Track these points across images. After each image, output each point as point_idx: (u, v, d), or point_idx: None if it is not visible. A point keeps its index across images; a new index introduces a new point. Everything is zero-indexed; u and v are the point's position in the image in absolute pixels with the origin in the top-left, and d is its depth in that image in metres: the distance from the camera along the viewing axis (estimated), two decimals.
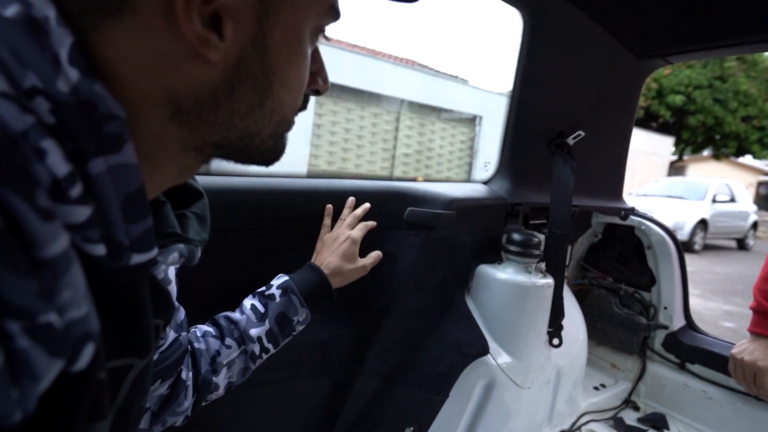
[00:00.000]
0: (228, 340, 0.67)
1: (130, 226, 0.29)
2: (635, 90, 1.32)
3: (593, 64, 1.16)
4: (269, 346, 0.71)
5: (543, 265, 1.08)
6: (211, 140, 0.34)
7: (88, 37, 0.28)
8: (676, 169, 18.20)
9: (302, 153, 8.03)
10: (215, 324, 0.69)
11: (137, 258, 0.30)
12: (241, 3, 0.31)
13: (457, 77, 10.69)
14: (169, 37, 0.29)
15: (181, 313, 0.60)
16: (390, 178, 4.35)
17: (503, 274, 1.02)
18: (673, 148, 16.50)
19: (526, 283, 1.01)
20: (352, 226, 0.84)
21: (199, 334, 0.66)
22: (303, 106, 0.40)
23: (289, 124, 0.38)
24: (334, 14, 0.37)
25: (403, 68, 9.50)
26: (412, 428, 0.99)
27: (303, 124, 7.98)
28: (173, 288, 0.47)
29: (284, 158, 0.41)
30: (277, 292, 0.73)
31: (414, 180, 1.10)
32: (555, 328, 1.08)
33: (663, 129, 16.72)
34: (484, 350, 0.99)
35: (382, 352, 0.98)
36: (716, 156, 18.02)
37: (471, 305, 1.05)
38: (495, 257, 1.09)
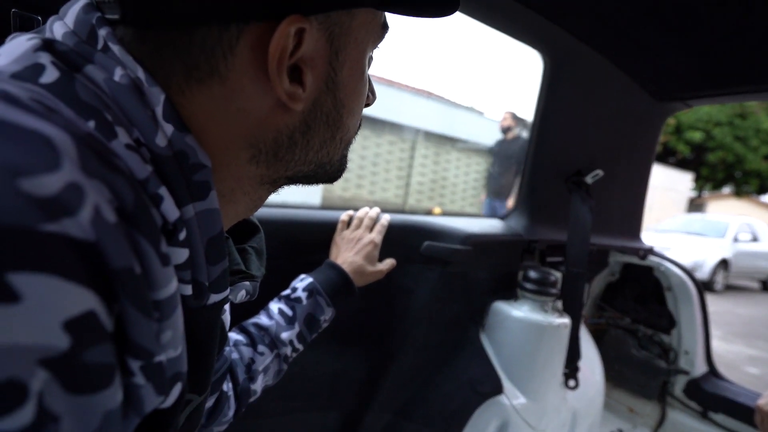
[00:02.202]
0: (260, 347, 0.68)
1: (211, 268, 0.31)
2: (654, 131, 1.32)
3: (612, 105, 1.17)
4: (300, 346, 0.72)
5: (560, 304, 1.06)
6: (285, 174, 0.36)
7: (174, 97, 0.30)
8: (695, 205, 17.92)
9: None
10: (245, 332, 0.69)
11: (214, 298, 0.32)
12: (316, 51, 0.32)
13: (473, 108, 10.81)
14: (257, 96, 0.31)
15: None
16: (403, 209, 4.41)
17: (519, 311, 1.01)
18: (691, 184, 16.29)
19: (542, 322, 0.99)
20: (371, 229, 0.84)
21: (231, 342, 0.67)
22: (359, 126, 0.42)
23: (351, 144, 0.40)
24: (385, 31, 0.38)
25: (420, 98, 9.65)
26: None
27: None
28: (227, 317, 0.48)
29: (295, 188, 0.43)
30: (303, 295, 0.73)
31: (430, 212, 1.10)
32: (571, 369, 1.06)
33: (681, 165, 16.58)
34: (498, 389, 0.97)
35: (393, 387, 0.96)
36: (737, 193, 17.74)
37: (485, 342, 1.04)
38: (511, 294, 1.08)
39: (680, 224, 9.01)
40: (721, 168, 16.53)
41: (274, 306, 0.72)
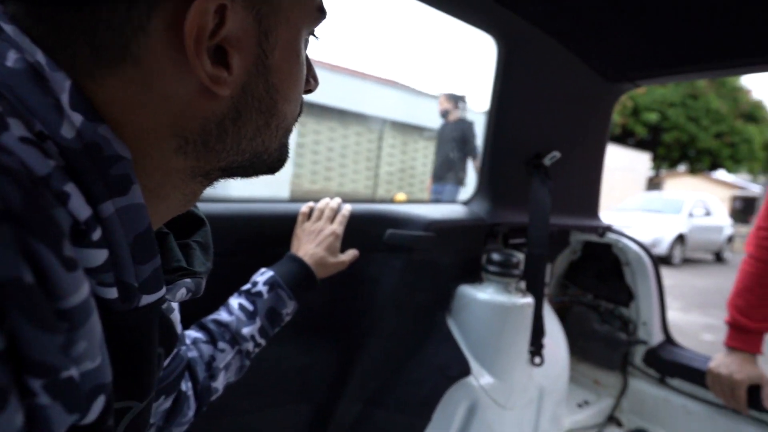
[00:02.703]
0: (221, 344, 0.66)
1: (140, 267, 0.29)
2: (607, 111, 1.36)
3: (565, 87, 1.19)
4: (262, 341, 0.70)
5: (523, 285, 1.09)
6: (218, 166, 0.34)
7: (83, 83, 0.27)
8: (653, 184, 18.66)
9: (285, 172, 8.02)
10: (204, 329, 0.67)
11: (146, 299, 0.30)
12: (242, 30, 0.29)
13: (433, 96, 10.89)
14: (177, 79, 0.28)
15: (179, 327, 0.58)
16: (373, 199, 4.38)
17: (483, 294, 1.03)
18: (650, 164, 16.93)
19: (506, 303, 1.02)
20: (332, 219, 0.83)
21: (188, 342, 0.64)
22: (300, 112, 0.40)
23: (291, 132, 0.38)
24: (322, 15, 0.36)
25: (385, 88, 9.63)
26: None
27: None
28: (176, 315, 0.45)
29: (267, 178, 0.41)
30: (264, 289, 0.71)
31: (393, 200, 1.11)
32: (536, 347, 1.09)
33: (639, 146, 17.21)
34: (466, 372, 0.98)
35: (363, 377, 0.97)
36: (692, 171, 18.56)
37: (452, 326, 1.05)
38: (475, 278, 1.10)
39: (639, 203, 9.39)
40: (676, 147, 17.25)
41: (234, 301, 0.70)
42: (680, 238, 8.25)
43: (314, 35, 0.38)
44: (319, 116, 8.69)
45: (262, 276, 0.73)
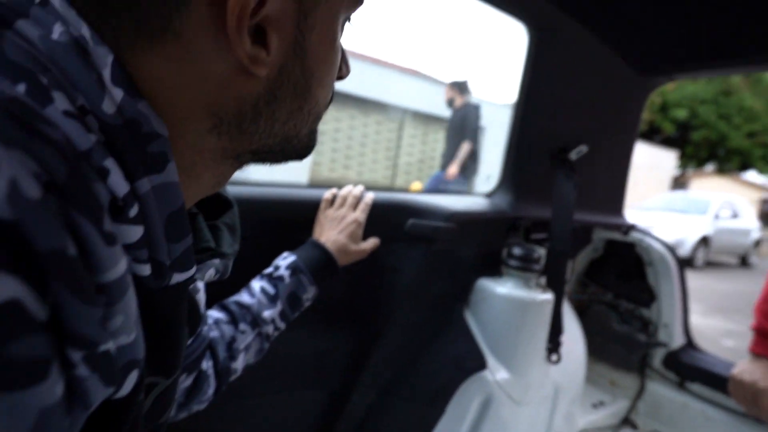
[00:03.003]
0: (242, 325, 0.67)
1: (172, 246, 0.29)
2: (638, 106, 1.32)
3: (597, 79, 1.16)
4: (282, 325, 0.71)
5: (543, 280, 1.07)
6: (250, 148, 0.33)
7: (124, 58, 0.27)
8: (679, 184, 18.20)
9: (305, 160, 8.06)
10: (226, 310, 0.68)
11: (177, 277, 0.30)
12: (282, 11, 0.29)
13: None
14: (216, 57, 0.28)
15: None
16: (392, 188, 4.36)
17: (503, 288, 1.02)
18: (675, 163, 16.50)
19: (526, 298, 1.00)
20: (354, 207, 0.83)
21: (210, 322, 0.66)
22: (331, 99, 0.39)
23: (321, 118, 0.38)
24: (359, 1, 0.36)
25: (408, 77, 9.55)
26: None
27: None
28: (201, 296, 0.45)
29: (288, 165, 0.41)
30: (286, 273, 0.72)
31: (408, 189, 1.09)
32: (554, 344, 1.07)
33: (666, 143, 16.77)
34: (482, 365, 0.98)
35: (379, 366, 0.97)
36: (720, 171, 18.03)
37: (470, 319, 1.04)
38: (495, 271, 1.08)
39: (663, 202, 9.16)
40: (704, 146, 16.76)
41: (256, 284, 0.71)
42: (704, 240, 8.04)
43: (350, 21, 0.37)
44: (340, 104, 8.68)
45: (285, 260, 0.73)
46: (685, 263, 7.46)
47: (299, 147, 0.37)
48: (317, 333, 0.89)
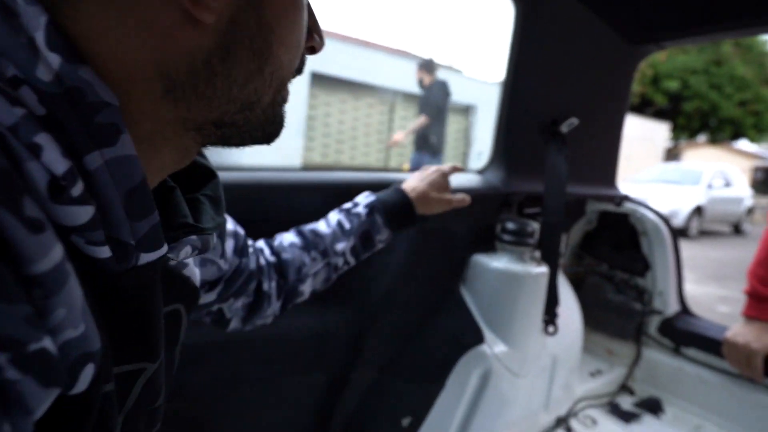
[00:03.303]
0: (313, 253, 0.69)
1: (135, 224, 0.27)
2: (628, 76, 1.31)
3: (586, 50, 1.15)
4: (352, 260, 0.73)
5: (538, 254, 1.08)
6: (210, 117, 0.31)
7: (61, 14, 0.24)
8: (672, 155, 18.23)
9: (297, 146, 8.00)
10: (301, 235, 0.70)
11: (145, 257, 0.28)
12: None
13: (451, 67, 10.64)
14: (156, 3, 0.26)
15: (239, 239, 0.59)
16: (386, 169, 4.34)
17: (497, 263, 1.02)
18: (668, 134, 16.51)
19: (521, 272, 1.01)
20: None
21: (285, 244, 0.68)
22: (300, 69, 0.37)
23: (287, 90, 0.36)
24: None
25: (397, 58, 9.44)
26: (408, 419, 1.00)
27: (296, 116, 7.93)
28: (192, 269, 0.43)
29: (280, 152, 0.39)
30: (363, 211, 0.74)
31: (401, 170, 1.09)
32: (550, 316, 1.09)
33: (659, 115, 16.75)
34: (479, 340, 0.99)
35: (377, 344, 0.98)
36: (712, 141, 18.06)
37: (466, 295, 1.05)
38: (489, 246, 1.09)
39: (657, 174, 9.20)
40: (696, 117, 16.75)
41: (334, 216, 0.73)
42: (698, 210, 8.10)
43: None
44: (329, 88, 8.58)
45: (365, 199, 0.75)
46: (680, 233, 7.55)
47: (263, 120, 0.34)
48: (314, 316, 0.90)
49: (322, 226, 0.72)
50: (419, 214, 0.78)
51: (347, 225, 0.72)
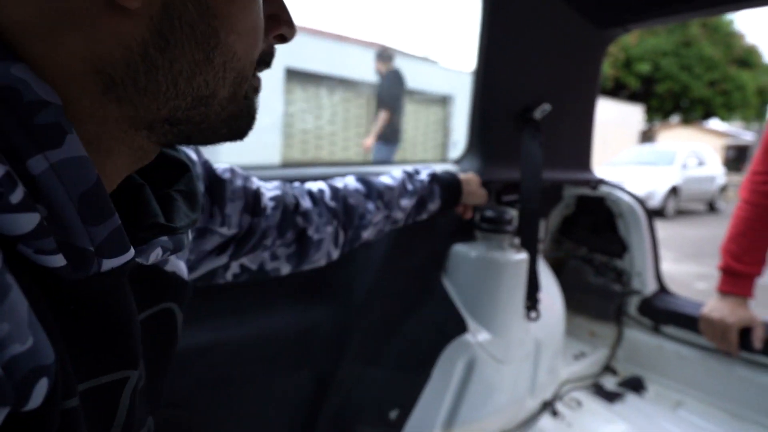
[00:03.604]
0: (378, 202, 0.72)
1: (93, 229, 0.25)
2: (598, 60, 1.32)
3: (554, 36, 1.15)
4: (403, 219, 0.78)
5: (517, 241, 1.09)
6: (160, 114, 0.29)
7: None
8: (646, 137, 18.58)
9: (275, 143, 7.91)
10: (365, 183, 0.73)
11: (108, 263, 0.27)
12: None
13: (426, 58, 10.63)
14: None
15: (249, 197, 0.57)
16: (368, 163, 4.33)
17: (477, 251, 1.03)
18: (643, 117, 16.81)
19: (500, 259, 1.01)
20: None
21: (350, 189, 0.70)
22: (267, 61, 0.34)
23: (251, 83, 0.33)
24: None
25: (370, 51, 9.39)
26: (396, 412, 1.00)
27: (273, 113, 7.84)
28: (175, 263, 0.40)
29: (257, 150, 0.37)
30: (425, 178, 0.80)
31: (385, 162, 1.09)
32: (532, 302, 1.10)
33: (633, 98, 17.03)
34: (463, 329, 0.99)
35: (362, 339, 0.97)
36: (685, 121, 18.46)
37: (448, 285, 1.05)
38: (469, 236, 1.09)
39: (633, 156, 9.37)
40: (669, 98, 17.09)
41: (398, 173, 0.77)
42: (673, 191, 8.28)
43: None
44: (303, 84, 8.50)
45: (425, 169, 0.82)
46: (657, 213, 7.72)
47: (226, 116, 0.32)
48: (298, 313, 0.89)
49: (386, 179, 0.75)
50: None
51: (410, 186, 0.77)
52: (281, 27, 0.34)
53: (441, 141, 10.49)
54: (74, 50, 0.25)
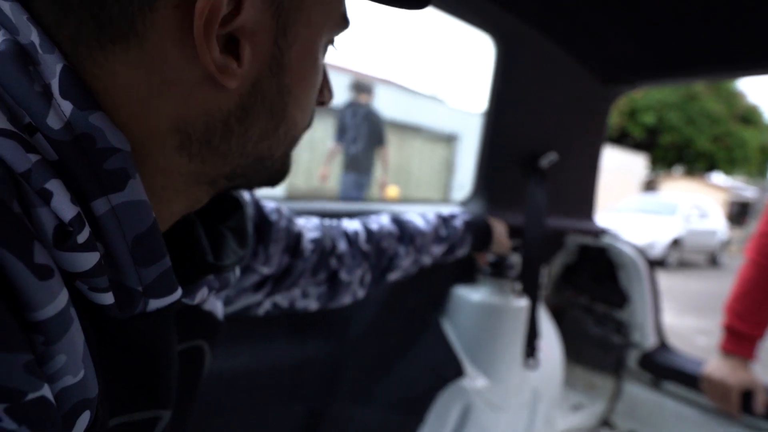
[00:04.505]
0: (409, 246, 0.72)
1: (143, 270, 0.26)
2: (604, 114, 1.36)
3: (562, 88, 1.19)
4: (430, 263, 0.78)
5: (518, 286, 1.09)
6: (223, 172, 0.32)
7: (83, 66, 0.25)
8: (650, 186, 18.70)
9: None
10: (399, 225, 0.73)
11: (155, 303, 0.28)
12: (258, 23, 0.27)
13: (435, 97, 10.85)
14: (182, 65, 0.26)
15: (292, 238, 0.58)
16: (367, 198, 4.34)
17: (478, 295, 1.03)
18: (646, 166, 16.98)
19: (501, 305, 1.01)
20: None
21: (385, 232, 0.70)
22: (310, 123, 0.37)
23: (298, 142, 0.36)
24: (345, 24, 0.34)
25: (380, 87, 9.61)
26: None
27: None
28: (212, 303, 0.41)
29: None
30: (460, 225, 0.79)
31: (384, 196, 1.10)
32: (531, 349, 1.08)
33: (637, 147, 17.26)
34: (460, 373, 0.98)
35: (357, 376, 0.96)
36: (688, 173, 18.63)
37: (447, 327, 1.05)
38: (470, 278, 1.09)
39: (635, 204, 9.42)
40: (672, 149, 17.31)
41: (432, 217, 0.77)
42: (675, 242, 8.27)
43: (333, 44, 0.35)
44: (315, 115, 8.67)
45: (461, 214, 0.81)
46: (658, 264, 7.68)
47: (272, 170, 0.35)
48: (293, 346, 0.88)
49: (419, 221, 0.75)
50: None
51: (443, 232, 0.76)
52: (324, 95, 0.38)
53: (444, 181, 10.57)
54: (161, 111, 0.27)
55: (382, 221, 0.72)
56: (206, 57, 0.26)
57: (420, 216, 0.76)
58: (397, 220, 0.73)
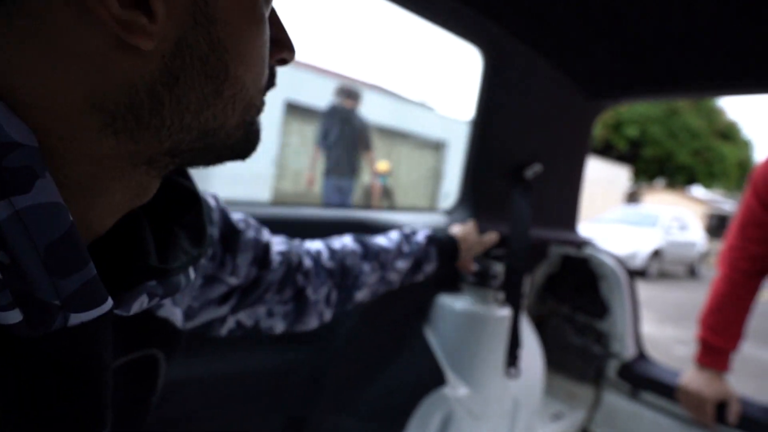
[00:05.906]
0: (373, 263, 0.70)
1: (61, 281, 0.23)
2: (588, 127, 1.38)
3: (548, 101, 1.21)
4: (398, 281, 0.76)
5: (501, 296, 1.09)
6: (161, 148, 0.28)
7: None
8: (633, 198, 19.04)
9: (266, 174, 7.94)
10: (361, 243, 0.71)
11: (78, 317, 0.24)
12: None
13: (424, 104, 10.91)
14: (82, 30, 0.22)
15: (259, 249, 0.55)
16: (355, 204, 4.33)
17: (461, 304, 1.03)
18: (630, 178, 17.29)
19: (483, 314, 1.02)
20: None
21: (348, 250, 0.69)
22: (270, 82, 0.34)
23: (257, 108, 0.32)
24: None
25: (370, 93, 9.64)
26: None
27: (267, 142, 7.91)
28: (168, 309, 0.38)
29: (248, 179, 0.37)
30: (422, 240, 0.78)
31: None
32: (512, 358, 1.09)
33: (621, 159, 17.58)
34: (441, 382, 0.98)
35: (338, 384, 0.96)
36: (669, 186, 19.02)
37: (429, 336, 1.05)
38: (454, 287, 1.10)
39: (618, 215, 9.58)
40: (654, 162, 17.68)
41: (394, 235, 0.75)
42: (656, 253, 8.42)
43: None
44: (302, 118, 8.65)
45: (422, 230, 0.80)
46: (639, 274, 7.80)
47: (231, 142, 0.31)
48: (273, 354, 0.87)
49: (383, 240, 0.74)
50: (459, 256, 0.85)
51: (406, 248, 0.75)
52: (283, 51, 0.34)
53: (432, 189, 10.60)
54: (72, 88, 0.24)
55: (344, 241, 0.71)
56: (103, 14, 0.22)
57: (382, 236, 0.75)
58: (359, 239, 0.71)
